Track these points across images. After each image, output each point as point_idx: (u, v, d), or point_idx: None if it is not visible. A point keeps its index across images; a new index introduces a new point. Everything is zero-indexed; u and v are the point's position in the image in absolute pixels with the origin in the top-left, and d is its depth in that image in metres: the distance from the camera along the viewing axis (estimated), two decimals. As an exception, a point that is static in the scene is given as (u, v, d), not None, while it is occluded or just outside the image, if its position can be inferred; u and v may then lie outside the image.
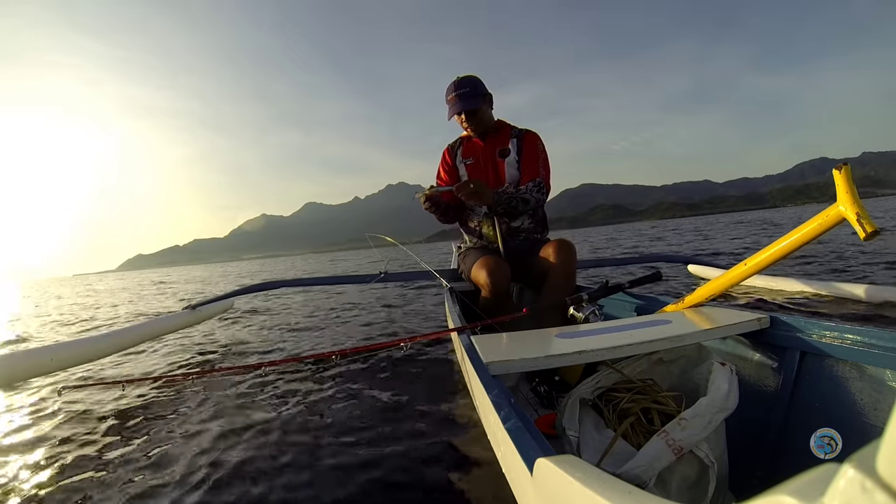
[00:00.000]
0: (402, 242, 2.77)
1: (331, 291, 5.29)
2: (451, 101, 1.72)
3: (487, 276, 1.51)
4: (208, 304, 2.59)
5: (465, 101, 1.70)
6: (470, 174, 1.80)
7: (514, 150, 1.76)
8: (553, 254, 1.53)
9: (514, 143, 1.78)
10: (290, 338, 2.81)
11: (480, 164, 1.79)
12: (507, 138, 1.78)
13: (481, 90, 1.73)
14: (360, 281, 2.73)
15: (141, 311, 5.29)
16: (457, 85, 1.71)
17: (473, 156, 1.80)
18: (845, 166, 0.81)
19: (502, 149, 1.76)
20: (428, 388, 1.63)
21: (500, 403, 0.64)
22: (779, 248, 0.94)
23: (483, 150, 1.79)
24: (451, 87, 1.73)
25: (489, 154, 1.78)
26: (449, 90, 1.73)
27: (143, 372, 2.20)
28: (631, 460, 0.65)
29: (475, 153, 1.81)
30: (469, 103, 1.70)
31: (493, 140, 1.79)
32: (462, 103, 1.69)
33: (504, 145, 1.77)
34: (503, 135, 1.79)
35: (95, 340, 1.87)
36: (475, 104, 1.71)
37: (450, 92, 1.72)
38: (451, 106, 1.72)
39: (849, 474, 0.15)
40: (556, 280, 1.50)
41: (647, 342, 0.82)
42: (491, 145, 1.78)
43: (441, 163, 1.91)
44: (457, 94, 1.70)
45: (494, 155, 1.77)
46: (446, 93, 1.74)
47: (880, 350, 0.75)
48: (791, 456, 0.82)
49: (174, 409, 1.58)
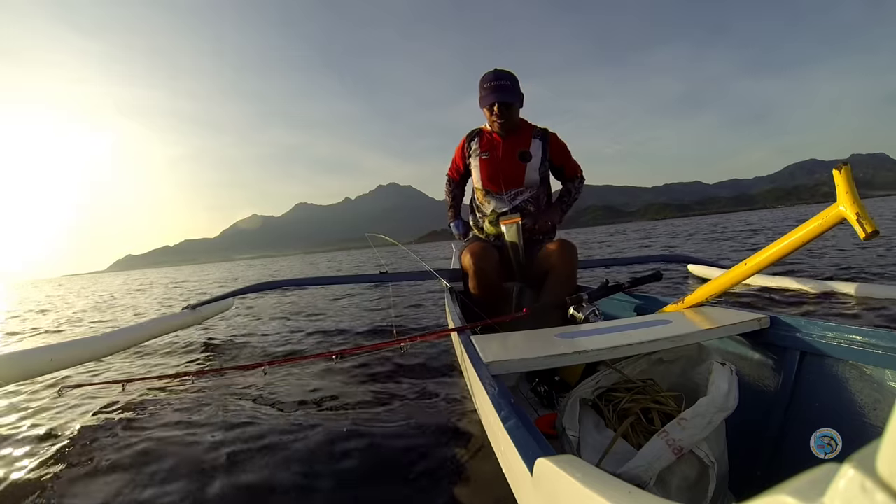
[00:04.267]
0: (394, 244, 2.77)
1: (331, 291, 5.29)
2: (489, 90, 1.68)
3: (471, 260, 1.55)
4: (208, 305, 2.59)
5: (504, 93, 1.67)
6: (482, 169, 1.77)
7: (537, 153, 1.74)
8: (554, 254, 1.52)
9: (537, 144, 1.75)
10: (290, 338, 2.81)
11: (497, 160, 1.75)
12: (528, 138, 1.75)
13: (518, 87, 1.71)
14: (360, 281, 2.72)
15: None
16: (496, 75, 1.68)
17: (490, 151, 1.77)
18: (845, 166, 0.80)
19: (523, 151, 1.73)
20: (428, 389, 1.63)
21: (500, 403, 0.64)
22: (779, 248, 0.94)
23: (501, 147, 1.75)
24: (489, 75, 1.69)
25: (508, 152, 1.74)
26: (486, 78, 1.69)
27: (143, 372, 2.20)
28: (631, 460, 0.65)
29: (492, 148, 1.77)
30: (508, 95, 1.67)
31: (514, 139, 1.75)
32: (500, 94, 1.66)
33: (525, 146, 1.74)
34: (524, 135, 1.76)
35: (95, 340, 1.87)
36: (513, 98, 1.69)
37: (487, 80, 1.69)
38: (486, 93, 1.69)
39: (849, 474, 0.15)
40: (557, 280, 1.50)
41: (647, 342, 0.82)
42: (511, 144, 1.75)
43: (458, 149, 1.92)
44: (496, 84, 1.67)
45: (513, 154, 1.74)
46: (482, 80, 1.70)
47: (880, 350, 0.75)
48: (791, 456, 0.82)
49: (174, 409, 1.58)
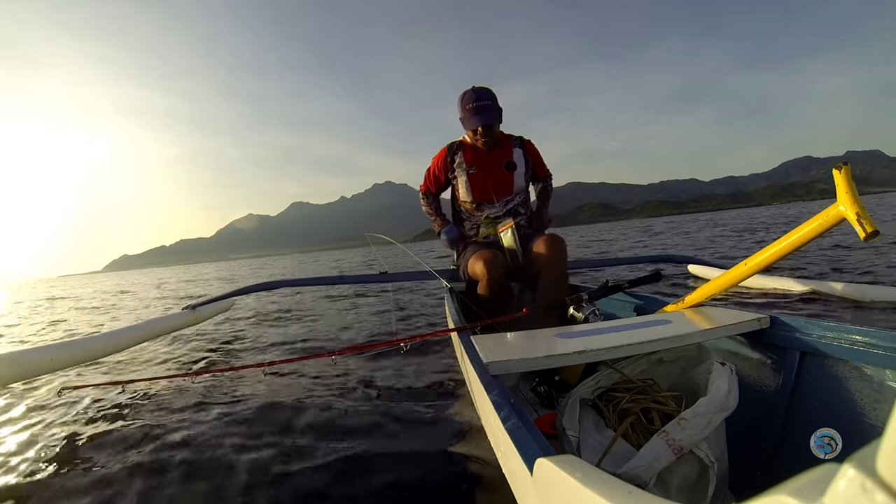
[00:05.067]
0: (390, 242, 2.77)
1: (330, 291, 5.28)
2: (471, 112, 1.67)
3: (485, 268, 1.52)
4: (208, 305, 2.59)
5: (486, 115, 1.67)
6: (472, 183, 1.77)
7: (520, 162, 1.79)
8: (544, 249, 1.54)
9: (518, 153, 1.80)
10: (290, 337, 2.81)
11: (484, 174, 1.77)
12: (509, 148, 1.79)
13: (497, 103, 1.71)
14: (360, 281, 2.72)
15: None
16: (477, 95, 1.67)
17: (477, 165, 1.78)
18: (845, 166, 0.80)
19: (508, 162, 1.77)
20: (428, 389, 1.63)
21: (500, 403, 0.64)
22: (779, 248, 0.93)
23: (488, 161, 1.78)
24: (469, 95, 1.68)
25: (494, 164, 1.77)
26: (467, 99, 1.68)
27: (142, 372, 2.20)
28: (631, 460, 0.65)
29: (479, 162, 1.78)
30: (490, 116, 1.67)
31: (498, 152, 1.78)
32: (484, 115, 1.66)
33: (508, 157, 1.78)
34: (505, 146, 1.80)
35: (95, 340, 1.87)
36: (496, 117, 1.69)
37: (468, 101, 1.67)
38: (469, 116, 1.68)
39: (849, 474, 0.15)
40: (549, 276, 1.52)
41: (647, 342, 0.82)
42: (497, 157, 1.78)
43: (436, 162, 1.87)
44: (478, 105, 1.66)
45: (500, 166, 1.77)
46: (463, 101, 1.70)
47: (880, 350, 0.75)
48: (791, 456, 0.82)
49: (174, 410, 1.58)
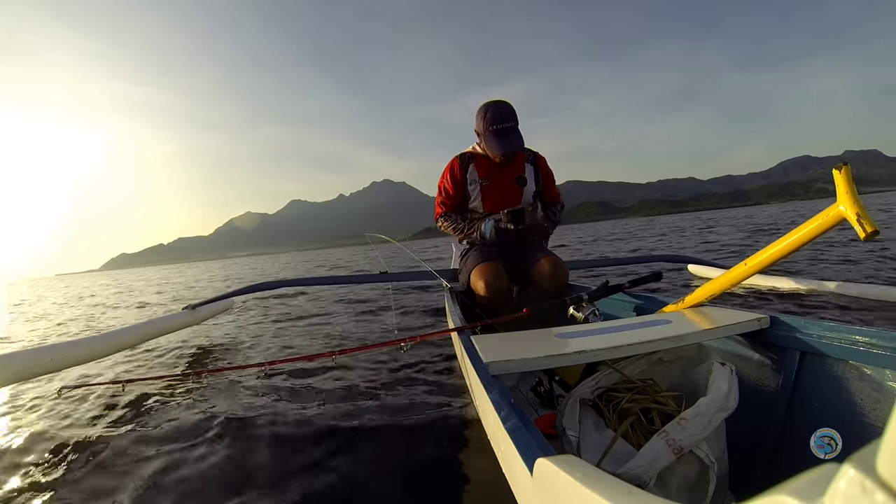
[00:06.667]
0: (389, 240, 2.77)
1: (330, 291, 5.28)
2: (493, 133, 1.59)
3: (486, 287, 1.52)
4: (208, 305, 2.59)
5: (511, 142, 1.59)
6: (485, 196, 1.75)
7: (531, 177, 1.77)
8: (545, 275, 1.57)
9: (530, 169, 1.78)
10: (290, 337, 2.81)
11: (498, 187, 1.75)
12: (522, 163, 1.77)
13: (518, 124, 1.63)
14: (360, 281, 2.72)
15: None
16: (501, 116, 1.58)
17: (490, 178, 1.75)
18: (845, 166, 0.80)
19: (519, 176, 1.75)
20: (427, 388, 1.63)
21: (500, 403, 0.64)
22: (779, 248, 0.93)
23: (500, 175, 1.75)
24: (492, 115, 1.59)
25: (507, 178, 1.75)
26: (490, 119, 1.59)
27: (142, 372, 2.20)
28: (631, 460, 0.65)
29: (492, 175, 1.75)
30: (516, 142, 1.60)
31: (511, 165, 1.76)
32: (508, 144, 1.59)
33: (520, 171, 1.76)
34: (518, 160, 1.77)
35: (95, 340, 1.87)
36: (521, 143, 1.63)
37: (491, 122, 1.59)
38: (491, 138, 1.61)
39: (849, 474, 0.15)
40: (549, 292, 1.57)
41: (647, 342, 0.82)
42: (509, 170, 1.76)
43: (446, 174, 1.81)
44: (501, 128, 1.58)
45: (511, 180, 1.75)
46: (485, 119, 1.61)
47: (880, 350, 0.75)
48: (791, 456, 0.82)
49: (174, 409, 1.58)
